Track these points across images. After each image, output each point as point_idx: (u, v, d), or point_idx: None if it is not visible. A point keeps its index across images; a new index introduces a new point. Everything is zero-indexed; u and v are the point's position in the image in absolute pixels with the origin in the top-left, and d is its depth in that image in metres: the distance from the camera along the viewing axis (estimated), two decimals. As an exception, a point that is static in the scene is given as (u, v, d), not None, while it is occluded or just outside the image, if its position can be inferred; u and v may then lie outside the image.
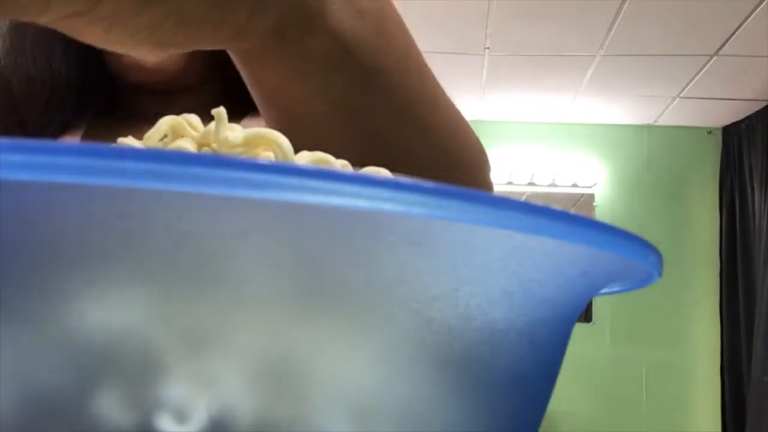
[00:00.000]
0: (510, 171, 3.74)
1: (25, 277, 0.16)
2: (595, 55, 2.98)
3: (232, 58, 0.33)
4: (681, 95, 3.35)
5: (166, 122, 0.21)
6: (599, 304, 3.63)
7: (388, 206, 0.14)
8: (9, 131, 0.55)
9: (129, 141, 0.22)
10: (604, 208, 3.72)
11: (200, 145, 0.21)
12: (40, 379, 0.16)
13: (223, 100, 0.60)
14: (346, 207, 0.14)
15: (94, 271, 0.16)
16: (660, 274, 0.20)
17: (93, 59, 0.57)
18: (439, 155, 0.37)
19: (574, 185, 3.75)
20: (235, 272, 0.16)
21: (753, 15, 2.58)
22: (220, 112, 0.20)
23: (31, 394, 0.16)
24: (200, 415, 0.16)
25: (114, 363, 0.16)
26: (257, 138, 0.20)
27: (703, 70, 3.06)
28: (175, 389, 0.16)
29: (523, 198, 2.31)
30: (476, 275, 0.17)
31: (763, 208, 3.36)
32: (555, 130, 3.75)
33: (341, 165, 0.22)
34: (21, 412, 0.16)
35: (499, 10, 2.64)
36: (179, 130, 0.21)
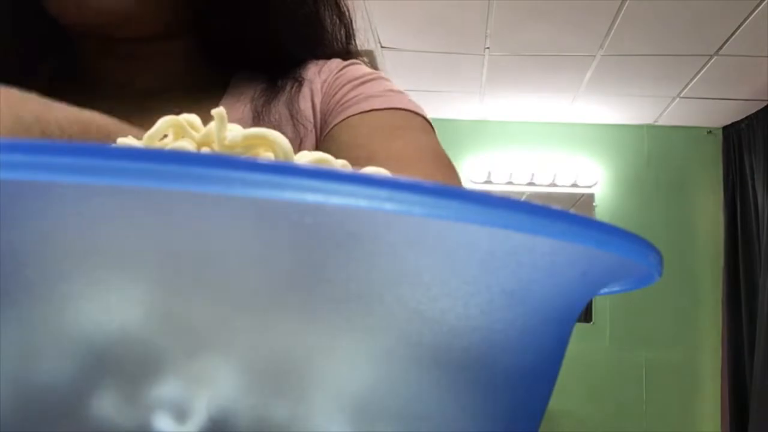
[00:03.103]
0: (510, 171, 3.74)
1: (25, 277, 0.16)
2: (595, 56, 2.98)
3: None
4: (681, 95, 3.35)
5: (166, 122, 0.21)
6: (599, 304, 3.63)
7: (387, 206, 0.14)
8: None
9: (129, 141, 0.22)
10: (604, 208, 3.72)
11: (200, 145, 0.21)
12: (40, 379, 0.16)
13: (196, 61, 0.55)
14: (345, 207, 0.14)
15: (94, 271, 0.16)
16: (660, 274, 0.20)
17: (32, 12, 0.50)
18: None
19: (574, 185, 3.75)
20: (234, 272, 0.16)
21: (753, 15, 2.58)
22: (221, 112, 0.21)
23: (31, 394, 0.16)
24: (200, 414, 0.16)
25: (114, 363, 0.16)
26: (257, 138, 0.20)
27: (703, 70, 3.06)
28: (175, 389, 0.16)
29: (523, 198, 2.31)
30: (476, 275, 0.17)
31: (765, 208, 3.36)
32: (555, 130, 3.75)
33: (341, 165, 0.22)
34: (21, 412, 0.16)
35: (499, 10, 2.64)
36: (180, 131, 0.21)
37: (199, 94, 0.53)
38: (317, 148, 0.51)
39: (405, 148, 0.48)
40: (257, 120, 0.51)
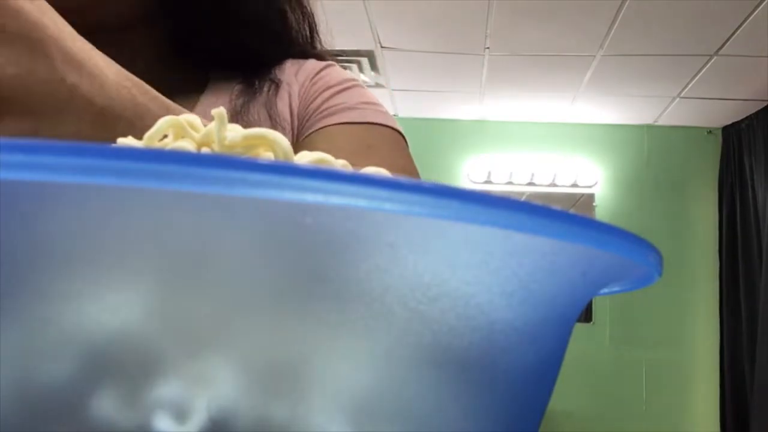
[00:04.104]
0: (510, 171, 3.74)
1: (25, 277, 0.16)
2: (595, 56, 2.98)
3: None
4: (681, 95, 3.35)
5: (166, 122, 0.21)
6: (599, 304, 3.63)
7: (387, 206, 0.14)
8: None
9: (129, 141, 0.22)
10: (604, 208, 3.72)
11: (200, 145, 0.21)
12: (40, 379, 0.16)
13: (172, 59, 0.56)
14: (345, 207, 0.14)
15: (94, 271, 0.16)
16: (660, 274, 0.20)
17: None
18: None
19: (574, 185, 3.75)
20: (234, 272, 0.16)
21: (753, 15, 2.58)
22: (221, 112, 0.20)
23: (31, 395, 0.16)
24: (200, 415, 0.16)
25: (113, 363, 0.16)
26: (257, 138, 0.20)
27: (703, 70, 3.06)
28: (175, 389, 0.16)
29: (523, 198, 2.31)
30: (476, 275, 0.17)
31: (764, 207, 3.36)
32: (555, 130, 3.75)
33: (341, 165, 0.22)
34: (21, 413, 0.16)
35: (499, 10, 2.64)
36: (179, 131, 0.21)
37: (177, 92, 0.54)
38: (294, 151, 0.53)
39: (379, 167, 0.49)
40: (236, 119, 0.53)
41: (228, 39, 0.56)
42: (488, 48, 2.96)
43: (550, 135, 3.75)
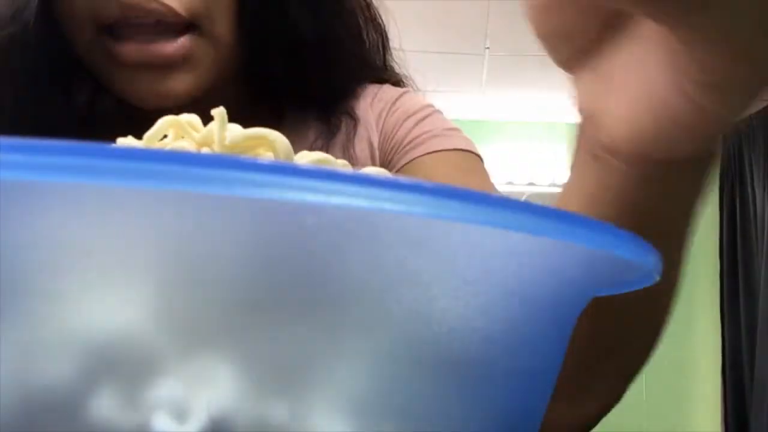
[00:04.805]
0: (510, 171, 3.74)
1: (24, 277, 0.16)
2: (595, 55, 2.98)
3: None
4: (681, 95, 3.35)
5: (166, 122, 0.21)
6: (599, 304, 3.62)
7: (388, 206, 0.14)
8: None
9: (129, 141, 0.22)
10: (604, 208, 3.71)
11: (200, 145, 0.21)
12: (40, 379, 0.16)
13: (246, 103, 0.54)
14: (346, 207, 0.14)
15: (94, 271, 0.16)
16: (660, 274, 0.20)
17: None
18: None
19: (574, 185, 3.74)
20: (234, 272, 0.16)
21: (753, 15, 2.58)
22: (221, 112, 0.21)
23: (30, 395, 0.16)
24: (199, 415, 0.16)
25: (113, 363, 0.16)
26: (257, 138, 0.20)
27: (703, 70, 3.06)
28: (175, 389, 0.16)
29: (523, 198, 2.30)
30: (476, 275, 0.17)
31: (764, 207, 3.36)
32: (555, 129, 3.75)
33: (341, 165, 0.22)
34: (20, 413, 0.16)
35: (499, 10, 2.64)
36: (180, 131, 0.21)
37: None
38: None
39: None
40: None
41: (306, 77, 0.54)
42: (488, 48, 2.96)
43: (551, 134, 3.75)
